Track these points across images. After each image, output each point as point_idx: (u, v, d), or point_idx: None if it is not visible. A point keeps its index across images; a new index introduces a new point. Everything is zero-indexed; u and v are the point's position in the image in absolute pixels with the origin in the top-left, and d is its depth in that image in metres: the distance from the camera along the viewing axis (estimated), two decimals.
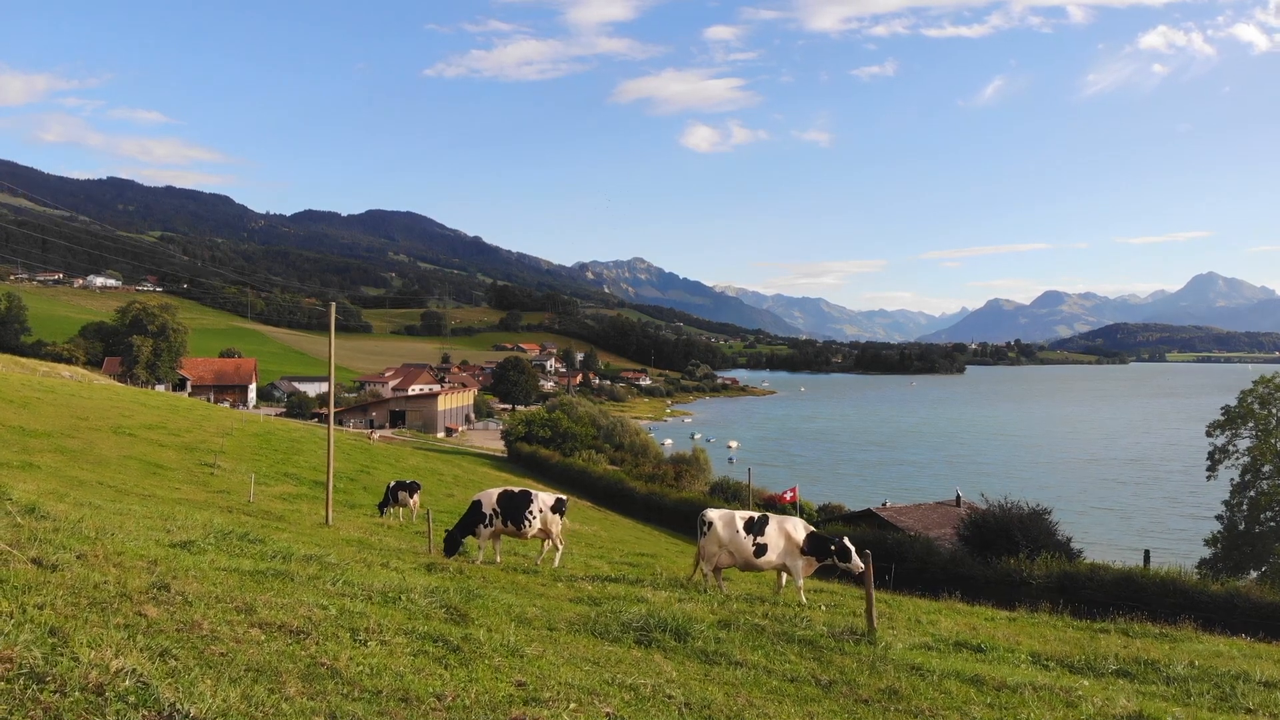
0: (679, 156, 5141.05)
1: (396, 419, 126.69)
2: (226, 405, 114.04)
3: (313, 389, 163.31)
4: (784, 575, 16.77)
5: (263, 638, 6.83)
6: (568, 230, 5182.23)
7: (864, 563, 13.22)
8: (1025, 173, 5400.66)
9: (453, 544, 18.66)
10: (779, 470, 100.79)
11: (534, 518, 18.47)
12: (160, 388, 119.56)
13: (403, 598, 9.74)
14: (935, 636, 12.67)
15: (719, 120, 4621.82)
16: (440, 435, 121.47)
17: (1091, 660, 11.69)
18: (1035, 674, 10.52)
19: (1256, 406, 53.28)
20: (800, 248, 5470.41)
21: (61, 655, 5.51)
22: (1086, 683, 10.17)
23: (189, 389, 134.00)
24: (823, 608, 14.21)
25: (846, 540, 16.00)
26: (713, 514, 16.72)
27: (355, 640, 7.32)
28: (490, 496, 18.77)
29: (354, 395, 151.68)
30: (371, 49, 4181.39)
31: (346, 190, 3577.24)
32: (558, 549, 19.23)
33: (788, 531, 16.23)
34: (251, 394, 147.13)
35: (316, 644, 6.92)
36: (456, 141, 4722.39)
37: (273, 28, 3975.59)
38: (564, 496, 19.65)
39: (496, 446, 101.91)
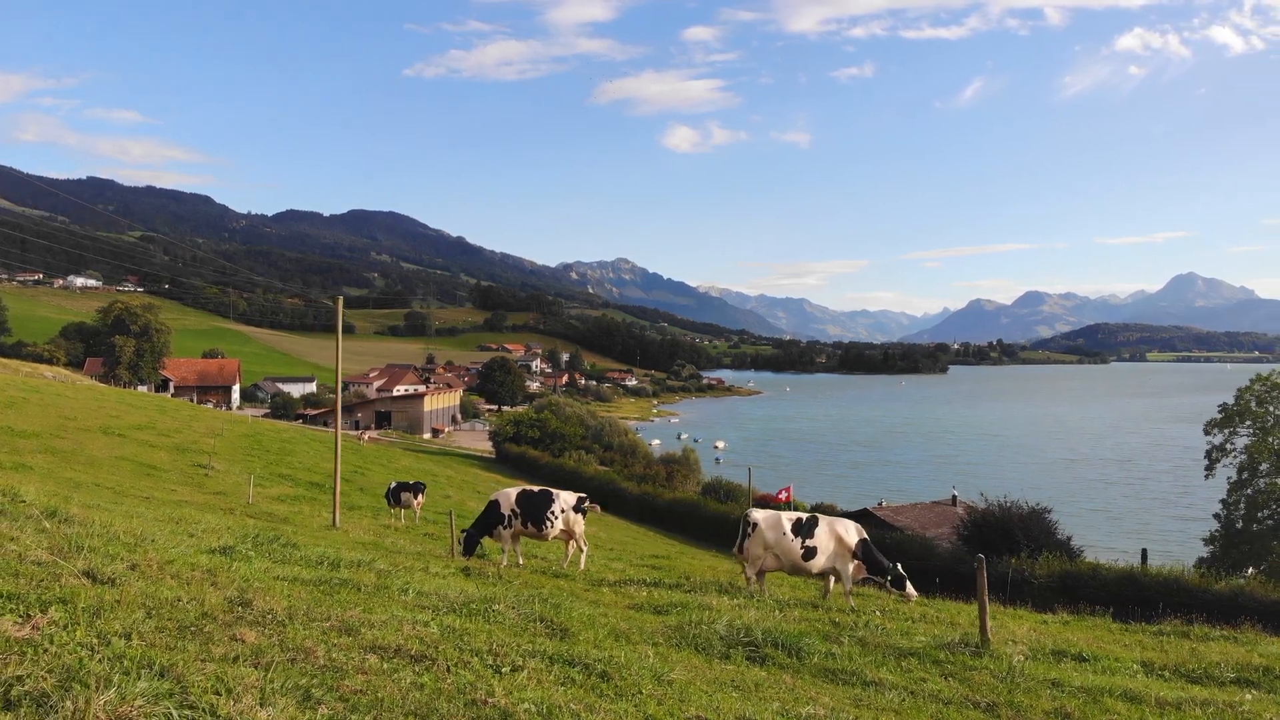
0: (660, 157, 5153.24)
1: (382, 420, 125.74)
2: (210, 406, 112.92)
3: (297, 389, 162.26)
4: (830, 579, 16.11)
5: (386, 666, 6.02)
6: (551, 231, 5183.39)
7: (980, 578, 11.82)
8: (1005, 173, 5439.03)
9: (470, 544, 18.11)
10: (765, 471, 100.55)
11: (556, 518, 17.86)
12: (143, 388, 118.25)
13: (488, 610, 9.03)
14: (1030, 646, 12.00)
15: (699, 121, 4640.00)
16: (427, 436, 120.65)
17: (1208, 669, 11.13)
18: (1164, 686, 9.99)
19: (1254, 404, 53.26)
20: (783, 248, 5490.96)
21: (195, 710, 4.52)
22: (1249, 696, 9.68)
23: (171, 389, 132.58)
24: (878, 613, 13.74)
25: (900, 568, 15.58)
26: (758, 515, 16.02)
27: (488, 666, 6.56)
28: (509, 496, 18.17)
29: None
30: (350, 49, 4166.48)
31: (329, 190, 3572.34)
32: (582, 550, 18.64)
33: (839, 534, 15.54)
34: (235, 395, 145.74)
35: (452, 673, 6.14)
36: (438, 142, 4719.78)
37: (250, 27, 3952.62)
38: (585, 495, 19.07)
39: (484, 447, 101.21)
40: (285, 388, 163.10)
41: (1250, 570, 44.10)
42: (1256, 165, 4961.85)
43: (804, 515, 16.17)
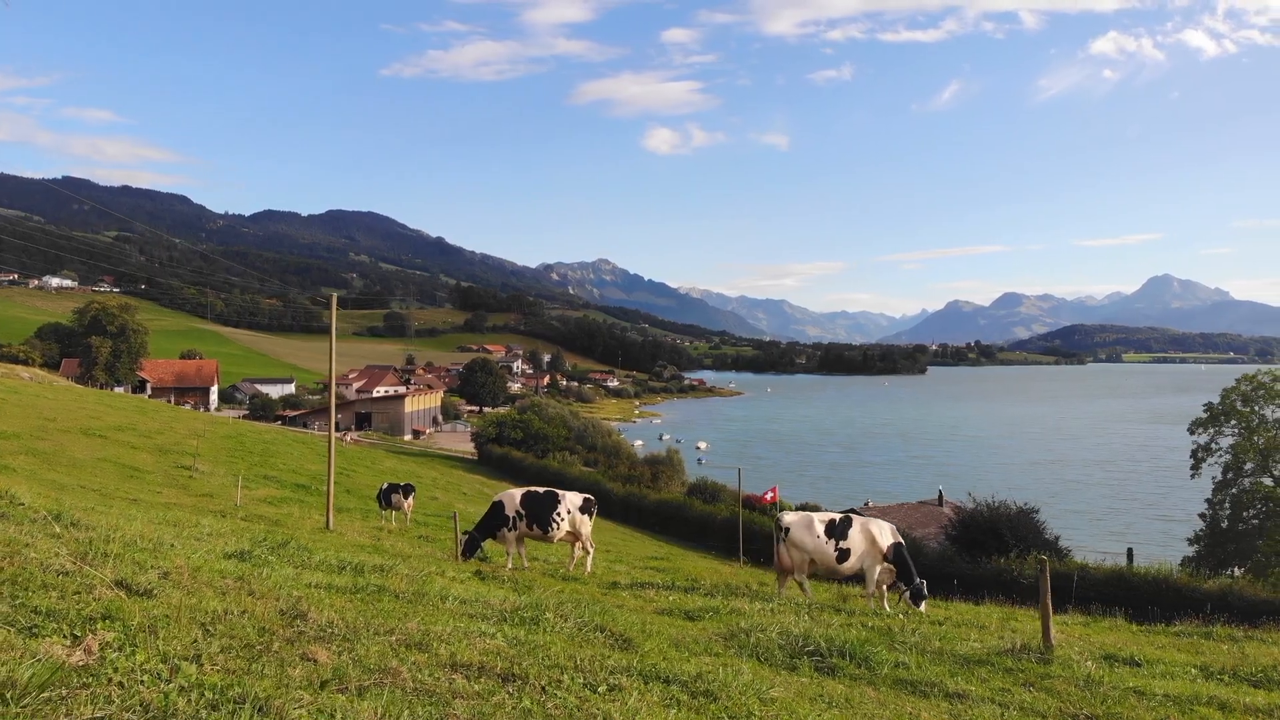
0: (640, 158, 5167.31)
1: (362, 421, 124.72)
2: (189, 407, 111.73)
3: (275, 390, 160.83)
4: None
5: (478, 688, 5.50)
6: (532, 231, 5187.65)
7: (1044, 581, 11.49)
8: (983, 176, 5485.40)
9: (472, 546, 17.80)
10: (748, 471, 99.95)
11: (561, 520, 17.56)
12: (119, 389, 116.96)
13: (540, 618, 8.58)
14: (1081, 651, 11.55)
15: (678, 123, 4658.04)
16: (408, 437, 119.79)
17: (1265, 672, 10.86)
18: (1240, 692, 9.67)
19: (1239, 404, 53.50)
20: (762, 249, 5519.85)
21: None
22: None
23: (149, 391, 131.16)
24: (900, 616, 13.60)
25: (924, 585, 15.45)
26: (790, 518, 15.83)
27: (584, 685, 6.06)
28: (513, 497, 17.86)
29: (318, 397, 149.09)
30: (327, 49, 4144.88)
31: (306, 190, 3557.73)
32: (588, 552, 18.35)
33: (873, 535, 15.33)
34: (213, 396, 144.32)
35: (549, 694, 5.64)
36: (417, 141, 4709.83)
37: (226, 26, 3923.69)
38: (591, 496, 18.79)
39: (466, 449, 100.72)
40: (264, 389, 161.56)
41: (1236, 570, 44.42)
42: (1229, 168, 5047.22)
43: (837, 516, 15.94)
